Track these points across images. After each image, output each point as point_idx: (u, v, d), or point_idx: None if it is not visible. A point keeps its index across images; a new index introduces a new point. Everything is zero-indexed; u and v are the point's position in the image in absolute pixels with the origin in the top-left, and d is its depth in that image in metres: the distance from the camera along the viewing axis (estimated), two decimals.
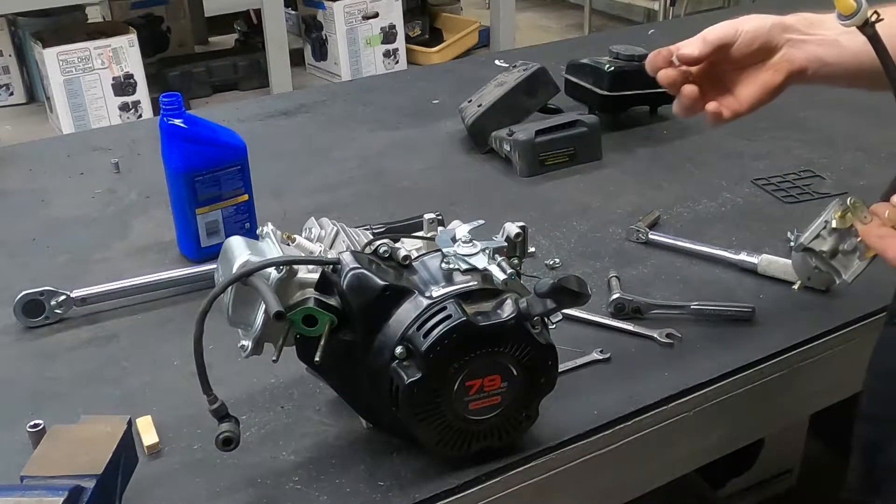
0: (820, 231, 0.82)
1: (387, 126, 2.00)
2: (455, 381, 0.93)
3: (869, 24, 0.91)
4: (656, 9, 5.20)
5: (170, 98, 1.36)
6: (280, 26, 3.29)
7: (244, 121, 2.02)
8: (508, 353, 0.93)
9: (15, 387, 1.17)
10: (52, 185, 1.75)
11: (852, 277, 0.82)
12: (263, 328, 0.95)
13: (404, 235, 1.05)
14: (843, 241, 0.81)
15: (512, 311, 0.93)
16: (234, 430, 0.94)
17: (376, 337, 0.94)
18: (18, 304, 1.28)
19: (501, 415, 0.97)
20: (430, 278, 0.97)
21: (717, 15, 3.92)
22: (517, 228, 1.02)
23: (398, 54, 3.72)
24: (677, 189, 1.64)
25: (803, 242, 0.84)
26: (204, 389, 0.93)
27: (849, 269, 0.81)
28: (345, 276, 0.94)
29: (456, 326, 0.91)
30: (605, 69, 1.83)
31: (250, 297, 0.95)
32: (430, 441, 0.96)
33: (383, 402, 0.95)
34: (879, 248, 0.80)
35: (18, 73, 3.41)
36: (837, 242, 0.80)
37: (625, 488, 1.16)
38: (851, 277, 0.82)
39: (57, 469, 0.87)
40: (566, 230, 1.50)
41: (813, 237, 0.82)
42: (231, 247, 0.99)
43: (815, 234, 0.82)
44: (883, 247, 0.79)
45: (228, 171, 1.41)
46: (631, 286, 1.31)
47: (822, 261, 0.80)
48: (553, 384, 0.99)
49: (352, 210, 1.57)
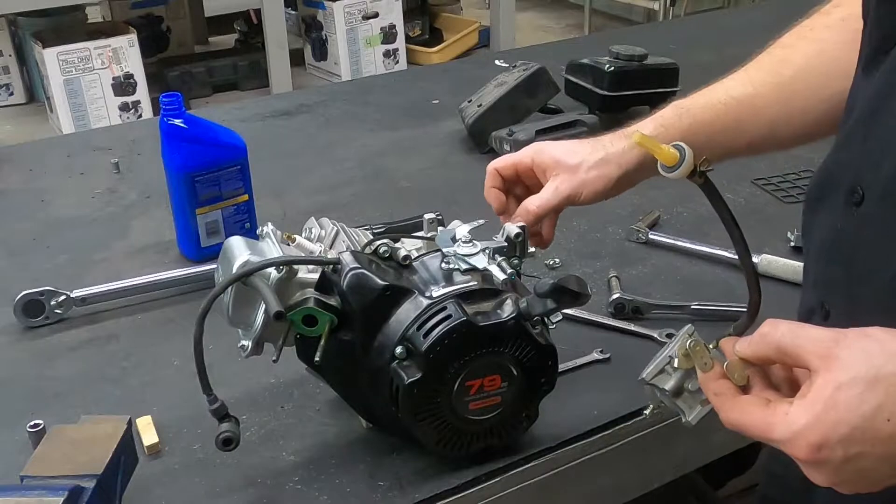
0: (664, 366, 0.73)
1: (387, 126, 2.00)
2: (455, 381, 0.93)
3: (697, 173, 0.81)
4: (656, 9, 5.20)
5: (170, 98, 1.36)
6: (280, 26, 3.29)
7: (244, 121, 2.02)
8: (508, 353, 0.93)
9: (15, 387, 1.17)
10: (52, 185, 1.75)
11: (696, 420, 0.74)
12: (263, 328, 0.95)
13: (404, 235, 1.05)
14: (688, 380, 0.72)
15: (512, 311, 0.93)
16: (234, 430, 0.94)
17: (376, 337, 0.94)
18: (18, 304, 1.28)
19: (501, 415, 0.97)
20: (430, 278, 0.97)
21: (717, 15, 3.93)
22: (517, 228, 1.02)
23: (398, 54, 3.72)
24: (677, 189, 1.63)
25: (645, 378, 0.75)
26: (204, 389, 0.93)
27: (693, 410, 0.72)
28: (345, 276, 0.94)
29: (456, 326, 0.91)
30: (605, 69, 1.83)
31: (250, 297, 0.95)
32: (430, 441, 0.96)
33: (383, 402, 0.95)
34: (715, 406, 0.70)
35: (18, 73, 3.40)
36: (682, 380, 0.72)
37: (625, 488, 1.16)
38: (695, 420, 0.74)
39: (57, 469, 0.87)
40: (566, 230, 1.50)
41: (656, 373, 0.74)
42: (231, 247, 0.99)
43: (659, 369, 0.73)
44: (717, 405, 0.70)
45: (228, 171, 1.41)
46: (631, 286, 1.31)
47: (666, 397, 0.72)
48: (553, 384, 0.99)
49: (352, 210, 1.57)
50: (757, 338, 0.68)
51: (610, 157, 1.04)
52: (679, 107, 1.06)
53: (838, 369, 0.61)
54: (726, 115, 1.03)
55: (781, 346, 0.65)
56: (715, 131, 1.03)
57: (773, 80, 1.03)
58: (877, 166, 0.72)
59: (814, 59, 1.01)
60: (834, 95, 0.96)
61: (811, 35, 1.03)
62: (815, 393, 0.62)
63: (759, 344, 0.67)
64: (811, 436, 0.61)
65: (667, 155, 0.80)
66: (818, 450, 0.61)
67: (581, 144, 1.08)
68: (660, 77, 1.88)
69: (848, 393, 0.60)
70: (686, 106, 1.06)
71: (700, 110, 1.04)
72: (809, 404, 0.62)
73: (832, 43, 0.99)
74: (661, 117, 1.06)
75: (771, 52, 1.05)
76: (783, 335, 0.65)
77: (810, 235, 0.86)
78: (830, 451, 0.61)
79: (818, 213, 0.84)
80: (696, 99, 1.06)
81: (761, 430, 0.66)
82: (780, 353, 0.66)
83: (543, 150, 1.08)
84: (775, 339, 0.66)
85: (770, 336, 0.67)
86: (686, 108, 1.05)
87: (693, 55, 2.17)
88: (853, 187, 0.74)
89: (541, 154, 1.08)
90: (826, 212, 0.82)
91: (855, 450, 0.60)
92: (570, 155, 1.06)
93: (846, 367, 0.61)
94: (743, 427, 0.68)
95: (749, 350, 0.68)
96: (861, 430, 0.60)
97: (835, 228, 0.78)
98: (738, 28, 1.17)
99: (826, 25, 1.01)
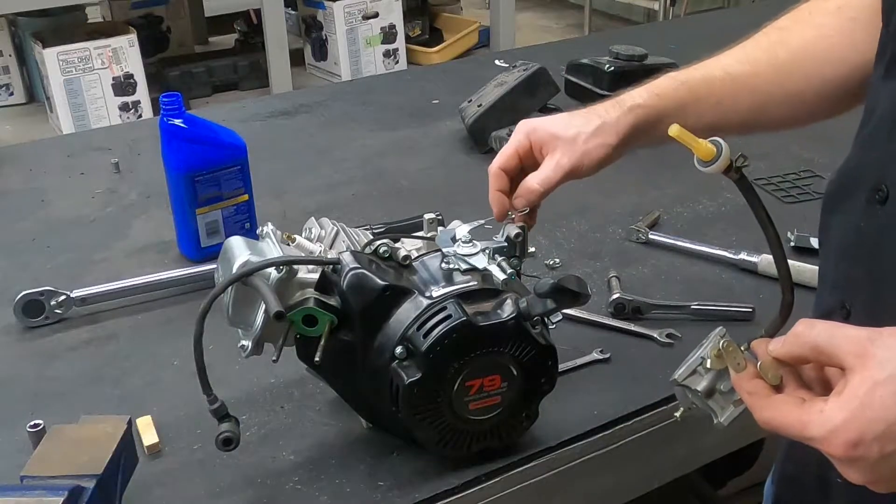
0: (696, 367, 0.73)
1: (387, 126, 2.00)
2: (455, 381, 0.93)
3: (733, 168, 0.81)
4: (656, 9, 5.19)
5: (170, 98, 1.36)
6: (280, 26, 3.29)
7: (244, 121, 2.02)
8: (508, 353, 0.93)
9: (15, 387, 1.17)
10: (52, 185, 1.75)
11: (728, 421, 0.73)
12: (263, 328, 0.95)
13: (404, 235, 1.05)
14: (721, 381, 0.72)
15: (512, 311, 0.93)
16: (234, 430, 0.94)
17: (376, 337, 0.94)
18: (18, 304, 1.28)
19: (501, 415, 0.97)
20: (430, 278, 0.97)
21: (717, 15, 3.92)
22: (517, 229, 1.02)
23: (398, 54, 3.72)
24: (677, 189, 1.64)
25: (677, 379, 0.75)
26: (204, 389, 0.93)
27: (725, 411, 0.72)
28: (345, 276, 0.94)
29: (456, 326, 0.91)
30: (605, 69, 1.83)
31: (250, 297, 0.95)
32: (430, 441, 0.96)
33: (383, 402, 0.95)
34: (749, 405, 0.70)
35: (18, 73, 3.40)
36: (715, 381, 0.72)
37: (625, 488, 1.16)
38: (727, 421, 0.73)
39: (57, 469, 0.87)
40: (566, 230, 1.50)
41: (688, 373, 0.73)
42: (231, 247, 0.99)
43: (692, 370, 0.73)
44: (752, 404, 0.70)
45: (228, 171, 1.41)
46: (631, 286, 1.31)
47: (698, 398, 0.72)
48: (553, 384, 0.99)
49: (352, 210, 1.57)
50: (791, 338, 0.68)
51: (606, 126, 1.03)
52: (675, 78, 1.05)
53: (874, 367, 0.62)
54: (722, 91, 1.02)
55: (817, 345, 0.66)
56: (709, 106, 1.02)
57: (769, 61, 1.02)
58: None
59: (811, 43, 1.01)
60: (828, 81, 0.98)
61: (809, 19, 1.02)
62: (851, 390, 0.62)
63: (794, 344, 0.67)
64: (847, 433, 0.61)
65: (704, 149, 0.79)
66: (854, 447, 0.61)
67: (574, 116, 1.06)
68: None
69: (884, 391, 0.61)
70: (682, 78, 1.05)
71: (696, 83, 1.04)
72: (845, 401, 0.62)
73: (830, 29, 0.99)
74: (656, 87, 1.04)
75: (768, 33, 1.05)
76: (819, 334, 0.66)
77: (827, 237, 0.86)
78: (866, 449, 0.61)
79: (837, 214, 0.83)
80: (692, 72, 1.05)
81: (797, 428, 0.66)
82: (815, 352, 0.66)
83: (537, 127, 1.05)
84: (811, 338, 0.66)
85: (805, 335, 0.67)
86: (682, 81, 1.04)
87: (693, 55, 2.16)
88: (877, 186, 0.75)
89: (536, 132, 1.05)
90: (846, 212, 0.81)
91: (891, 447, 0.61)
92: (566, 128, 1.04)
93: (882, 365, 0.61)
94: (778, 426, 0.68)
95: (783, 350, 0.68)
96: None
97: (856, 228, 0.78)
98: (738, 28, 1.16)
99: (825, 11, 1.01)
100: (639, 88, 1.05)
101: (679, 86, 1.04)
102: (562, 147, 1.03)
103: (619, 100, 1.05)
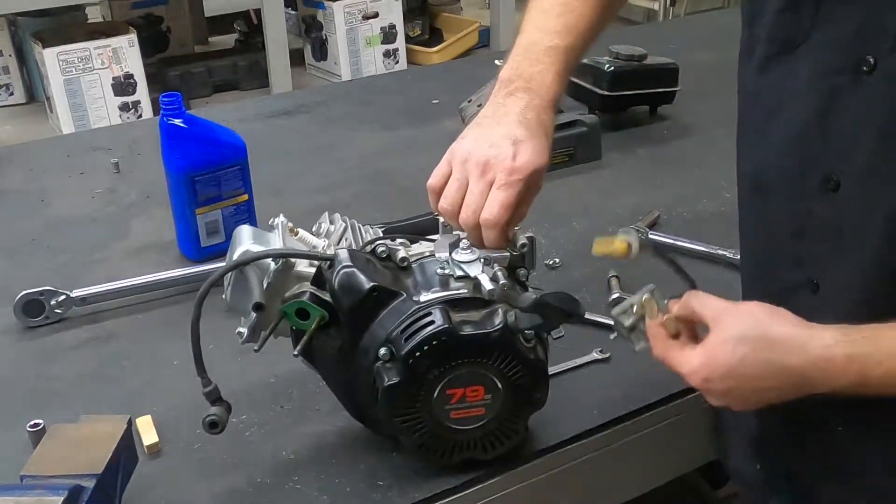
0: (627, 308, 0.95)
1: (387, 126, 2.00)
2: (435, 387, 0.92)
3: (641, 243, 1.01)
4: (656, 9, 5.18)
5: (170, 98, 1.36)
6: (280, 26, 3.29)
7: (244, 121, 2.02)
8: (492, 365, 0.92)
9: (15, 387, 1.17)
10: (52, 185, 1.75)
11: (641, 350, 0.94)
12: (257, 316, 0.96)
13: (422, 238, 1.04)
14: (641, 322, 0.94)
15: (499, 323, 0.91)
16: (222, 414, 0.94)
17: (363, 336, 0.94)
18: (18, 304, 1.28)
19: (485, 427, 0.96)
20: (423, 282, 0.96)
21: (717, 15, 3.92)
22: (524, 239, 1.00)
23: (398, 54, 3.71)
24: (677, 189, 1.64)
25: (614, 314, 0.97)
26: (199, 372, 0.93)
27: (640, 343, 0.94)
28: (336, 273, 0.94)
29: (437, 333, 0.90)
30: (605, 69, 1.83)
31: (249, 285, 0.95)
32: (412, 444, 0.96)
33: (369, 402, 0.95)
34: (651, 343, 0.92)
35: (18, 73, 3.39)
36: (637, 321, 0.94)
37: (625, 488, 1.16)
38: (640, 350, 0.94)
39: (57, 469, 0.87)
40: (566, 230, 1.50)
41: (621, 312, 0.95)
42: (239, 235, 1.01)
43: (623, 309, 0.95)
44: (652, 343, 0.92)
45: (228, 171, 1.41)
46: (631, 286, 1.31)
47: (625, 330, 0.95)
48: (543, 402, 0.97)
49: (352, 210, 1.55)
50: (682, 303, 0.91)
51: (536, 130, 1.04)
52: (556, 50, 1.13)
53: (721, 329, 0.85)
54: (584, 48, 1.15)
55: (694, 310, 0.89)
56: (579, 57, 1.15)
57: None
58: (848, 159, 0.86)
59: None
60: None
61: None
62: (707, 343, 0.86)
63: (682, 307, 0.90)
64: (701, 372, 0.85)
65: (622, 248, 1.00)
66: (706, 381, 0.85)
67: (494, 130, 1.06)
68: (660, 77, 1.88)
69: (727, 346, 0.84)
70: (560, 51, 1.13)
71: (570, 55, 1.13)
72: (702, 351, 0.86)
73: None
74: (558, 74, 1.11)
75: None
76: (696, 303, 0.89)
77: (766, 222, 1.00)
78: (713, 384, 0.85)
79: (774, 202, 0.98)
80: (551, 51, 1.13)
81: (674, 365, 0.89)
82: (692, 315, 0.89)
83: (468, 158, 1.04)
84: (690, 304, 0.89)
85: (688, 303, 0.90)
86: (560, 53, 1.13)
87: (693, 55, 2.17)
88: (826, 177, 0.89)
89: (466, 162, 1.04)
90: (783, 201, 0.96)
91: (729, 384, 0.84)
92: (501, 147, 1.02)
93: (727, 328, 0.85)
94: (664, 360, 0.90)
95: (676, 311, 0.91)
96: (733, 370, 0.83)
97: (807, 211, 0.92)
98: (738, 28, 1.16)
99: None
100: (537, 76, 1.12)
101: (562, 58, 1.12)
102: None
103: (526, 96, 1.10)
